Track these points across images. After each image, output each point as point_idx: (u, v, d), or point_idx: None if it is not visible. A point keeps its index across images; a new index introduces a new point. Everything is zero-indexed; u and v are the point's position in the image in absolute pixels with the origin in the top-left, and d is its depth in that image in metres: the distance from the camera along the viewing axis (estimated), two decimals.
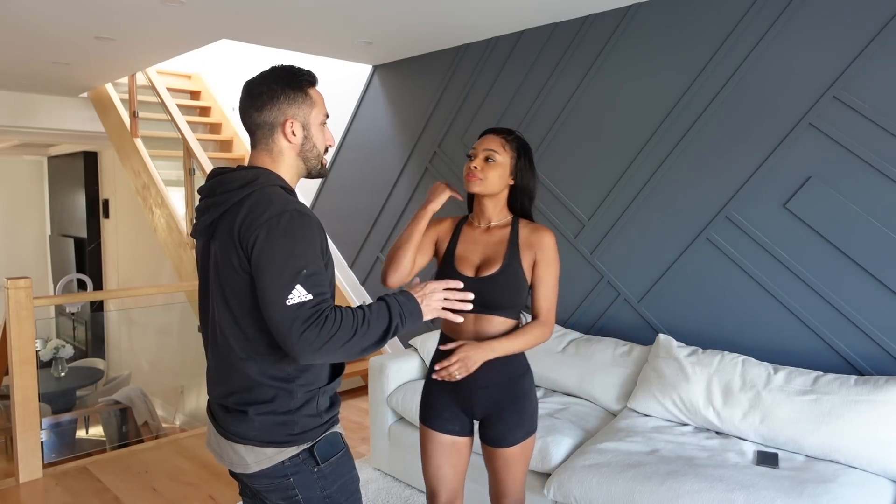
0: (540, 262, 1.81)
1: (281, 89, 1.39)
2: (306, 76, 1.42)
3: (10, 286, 3.17)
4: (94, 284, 8.44)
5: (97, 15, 3.24)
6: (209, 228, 1.39)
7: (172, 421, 5.79)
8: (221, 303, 1.37)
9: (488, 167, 1.80)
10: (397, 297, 1.38)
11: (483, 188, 1.81)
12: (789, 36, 2.57)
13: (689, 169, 2.89)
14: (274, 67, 1.42)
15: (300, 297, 1.25)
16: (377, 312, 1.33)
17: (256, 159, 1.42)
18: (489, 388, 1.82)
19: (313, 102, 1.42)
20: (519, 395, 1.83)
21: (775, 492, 1.98)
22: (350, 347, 1.27)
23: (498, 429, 1.83)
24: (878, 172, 2.38)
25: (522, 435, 1.83)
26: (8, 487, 3.15)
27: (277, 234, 1.27)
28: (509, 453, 1.83)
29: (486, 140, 1.84)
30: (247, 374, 1.36)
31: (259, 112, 1.39)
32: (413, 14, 3.21)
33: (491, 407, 1.83)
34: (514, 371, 1.83)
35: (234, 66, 5.88)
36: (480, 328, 1.81)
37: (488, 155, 1.81)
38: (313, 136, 1.43)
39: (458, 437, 1.89)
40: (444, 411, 1.88)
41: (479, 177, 1.80)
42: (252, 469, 1.38)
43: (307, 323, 1.24)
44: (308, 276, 1.27)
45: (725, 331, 2.80)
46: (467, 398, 1.84)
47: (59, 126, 6.01)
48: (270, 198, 1.32)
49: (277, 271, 1.25)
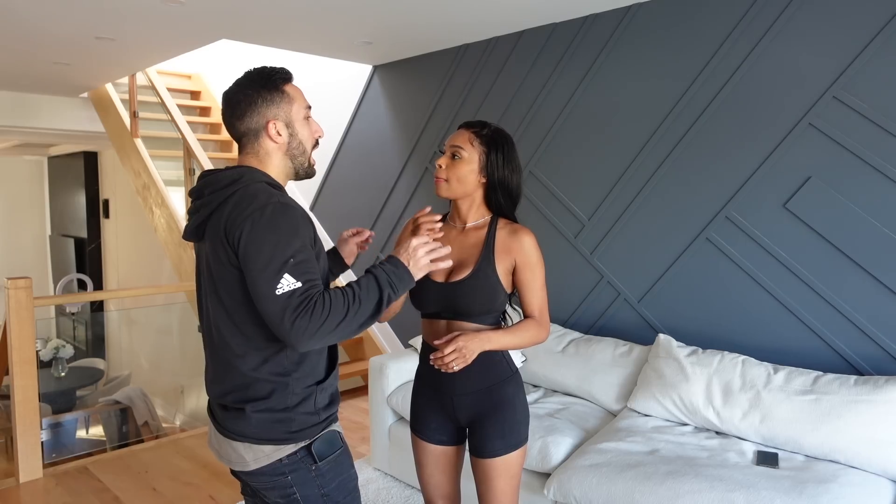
0: (522, 266, 1.69)
1: (256, 93, 1.39)
2: (279, 73, 1.42)
3: (11, 286, 3.17)
4: (94, 284, 8.44)
5: (97, 15, 3.24)
6: (199, 230, 1.40)
7: (172, 421, 5.79)
8: (215, 300, 1.38)
9: (454, 165, 1.69)
10: (384, 267, 1.39)
11: (449, 191, 1.70)
12: (789, 36, 2.57)
13: (689, 169, 2.89)
14: (247, 72, 1.43)
15: (289, 285, 1.26)
16: (367, 287, 1.34)
17: (244, 162, 1.43)
18: (468, 394, 1.74)
19: (291, 98, 1.42)
20: (500, 403, 1.73)
21: (775, 492, 1.98)
22: (345, 327, 1.28)
23: (479, 438, 1.74)
24: (878, 172, 2.38)
25: (502, 447, 1.71)
26: (8, 487, 3.15)
27: (262, 226, 1.28)
28: (487, 465, 1.72)
29: (455, 135, 1.72)
30: (243, 370, 1.36)
31: (241, 120, 1.40)
32: (413, 14, 3.21)
33: (473, 414, 1.75)
34: (494, 378, 1.73)
35: (234, 66, 5.88)
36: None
37: (454, 151, 1.69)
38: (298, 133, 1.43)
39: (447, 446, 1.83)
40: (431, 421, 1.82)
41: (443, 178, 1.69)
42: (251, 467, 1.38)
43: (297, 311, 1.25)
44: (295, 264, 1.27)
45: (725, 331, 2.80)
46: (449, 406, 1.77)
47: (59, 126, 6.01)
48: (255, 193, 1.33)
49: (265, 262, 1.26)
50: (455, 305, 1.70)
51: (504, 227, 1.73)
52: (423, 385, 1.85)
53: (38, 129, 5.93)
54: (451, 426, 1.82)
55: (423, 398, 1.83)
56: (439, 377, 1.76)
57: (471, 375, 1.72)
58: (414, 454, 1.89)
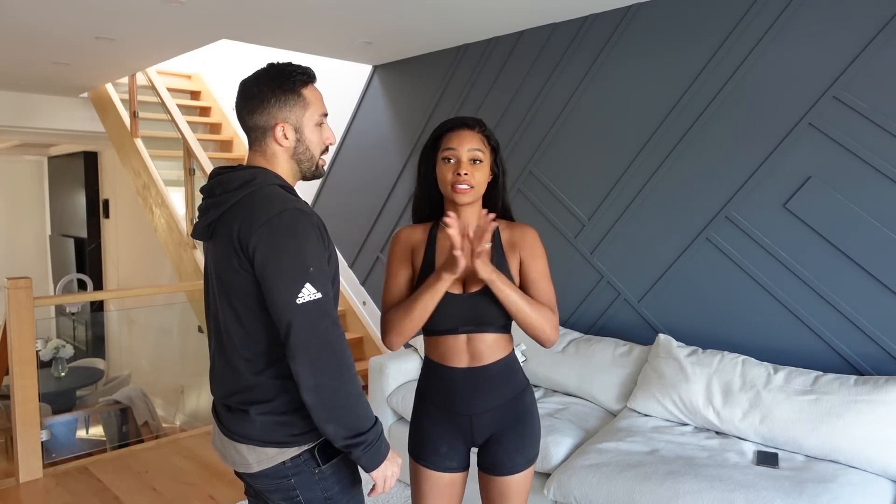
0: (528, 260, 1.63)
1: (271, 92, 1.36)
2: (300, 75, 1.38)
3: (11, 286, 3.17)
4: (94, 284, 8.44)
5: (97, 15, 3.24)
6: (208, 229, 1.39)
7: (172, 421, 5.79)
8: (225, 303, 1.37)
9: (476, 170, 1.58)
10: (382, 438, 1.37)
11: (474, 196, 1.60)
12: (789, 36, 2.57)
13: (689, 169, 2.89)
14: (269, 65, 1.39)
15: (310, 295, 1.25)
16: (366, 411, 1.33)
17: (253, 160, 1.42)
18: (490, 411, 1.64)
19: (307, 103, 1.39)
20: (522, 415, 1.66)
21: (775, 492, 1.98)
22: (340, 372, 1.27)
23: (497, 455, 1.65)
24: (877, 172, 2.38)
25: (524, 462, 1.65)
26: (8, 487, 3.15)
27: (280, 234, 1.26)
28: (508, 483, 1.65)
29: (465, 137, 1.59)
30: (249, 372, 1.36)
31: (251, 115, 1.38)
32: (413, 14, 3.21)
33: (492, 432, 1.65)
34: (514, 388, 1.66)
35: (234, 66, 5.88)
36: (475, 348, 1.63)
37: (474, 156, 1.58)
38: (307, 139, 1.40)
39: (456, 472, 1.69)
40: (441, 445, 1.67)
41: (471, 184, 1.57)
42: (254, 469, 1.38)
43: (325, 320, 1.26)
44: (314, 273, 1.27)
45: (725, 331, 2.80)
46: (467, 426, 1.65)
47: (59, 126, 6.01)
48: (270, 197, 1.31)
49: (284, 271, 1.25)
50: (480, 316, 1.60)
51: (506, 227, 1.68)
52: (431, 406, 1.69)
53: (38, 129, 5.93)
54: (464, 449, 1.69)
55: (431, 420, 1.69)
56: (454, 396, 1.65)
57: (492, 389, 1.63)
58: (413, 485, 1.71)
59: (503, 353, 1.66)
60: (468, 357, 1.63)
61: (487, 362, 1.63)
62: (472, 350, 1.63)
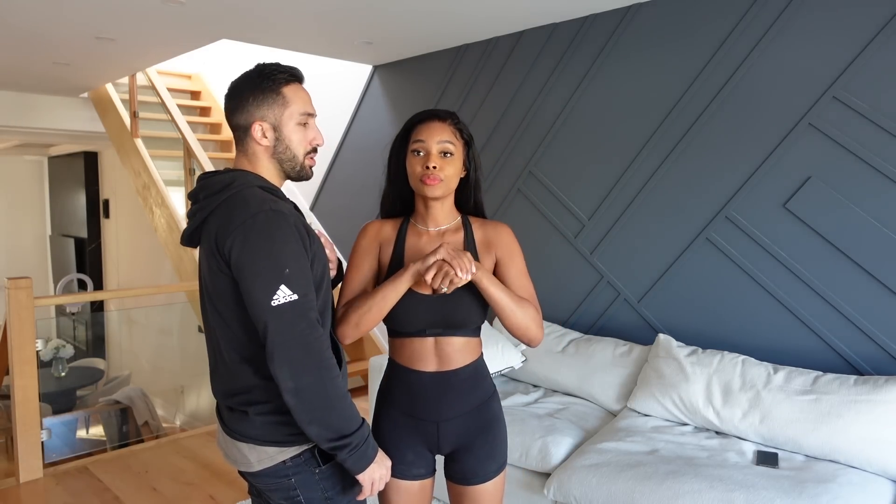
0: (506, 259, 1.57)
1: (249, 91, 1.36)
2: (282, 74, 1.37)
3: (11, 286, 3.17)
4: (95, 284, 8.44)
5: (97, 15, 3.24)
6: (193, 236, 1.39)
7: (173, 421, 5.79)
8: (212, 306, 1.37)
9: (446, 163, 1.52)
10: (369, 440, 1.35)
11: (444, 190, 1.53)
12: (789, 36, 2.57)
13: (688, 169, 2.89)
14: (256, 65, 1.39)
15: (285, 297, 1.24)
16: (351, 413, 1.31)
17: (238, 160, 1.42)
18: (457, 418, 1.58)
19: (287, 102, 1.37)
20: (489, 422, 1.61)
21: (775, 492, 1.98)
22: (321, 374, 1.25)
23: (468, 463, 1.59)
24: (877, 172, 2.38)
25: (495, 469, 1.61)
26: (8, 487, 3.15)
27: (254, 236, 1.25)
28: (481, 492, 1.60)
29: (436, 129, 1.53)
30: (243, 375, 1.36)
31: (232, 114, 1.39)
32: (413, 14, 3.21)
33: (459, 439, 1.59)
34: (483, 395, 1.61)
35: (234, 66, 5.88)
36: (443, 352, 1.56)
37: (445, 149, 1.51)
38: (286, 137, 1.38)
39: (424, 479, 1.63)
40: (407, 453, 1.60)
41: (440, 178, 1.51)
42: (255, 468, 1.38)
43: (300, 322, 1.24)
44: (290, 275, 1.25)
45: (725, 331, 2.80)
46: (433, 433, 1.59)
47: (59, 126, 6.02)
48: (247, 199, 1.30)
49: (259, 273, 1.25)
50: (450, 318, 1.54)
51: (479, 225, 1.62)
52: (396, 412, 1.61)
53: (38, 129, 5.93)
54: (429, 456, 1.63)
55: (394, 426, 1.61)
56: (420, 402, 1.58)
57: (461, 395, 1.57)
58: (381, 496, 1.63)
59: (472, 358, 1.60)
60: (436, 361, 1.56)
61: (456, 367, 1.57)
62: (441, 354, 1.56)
